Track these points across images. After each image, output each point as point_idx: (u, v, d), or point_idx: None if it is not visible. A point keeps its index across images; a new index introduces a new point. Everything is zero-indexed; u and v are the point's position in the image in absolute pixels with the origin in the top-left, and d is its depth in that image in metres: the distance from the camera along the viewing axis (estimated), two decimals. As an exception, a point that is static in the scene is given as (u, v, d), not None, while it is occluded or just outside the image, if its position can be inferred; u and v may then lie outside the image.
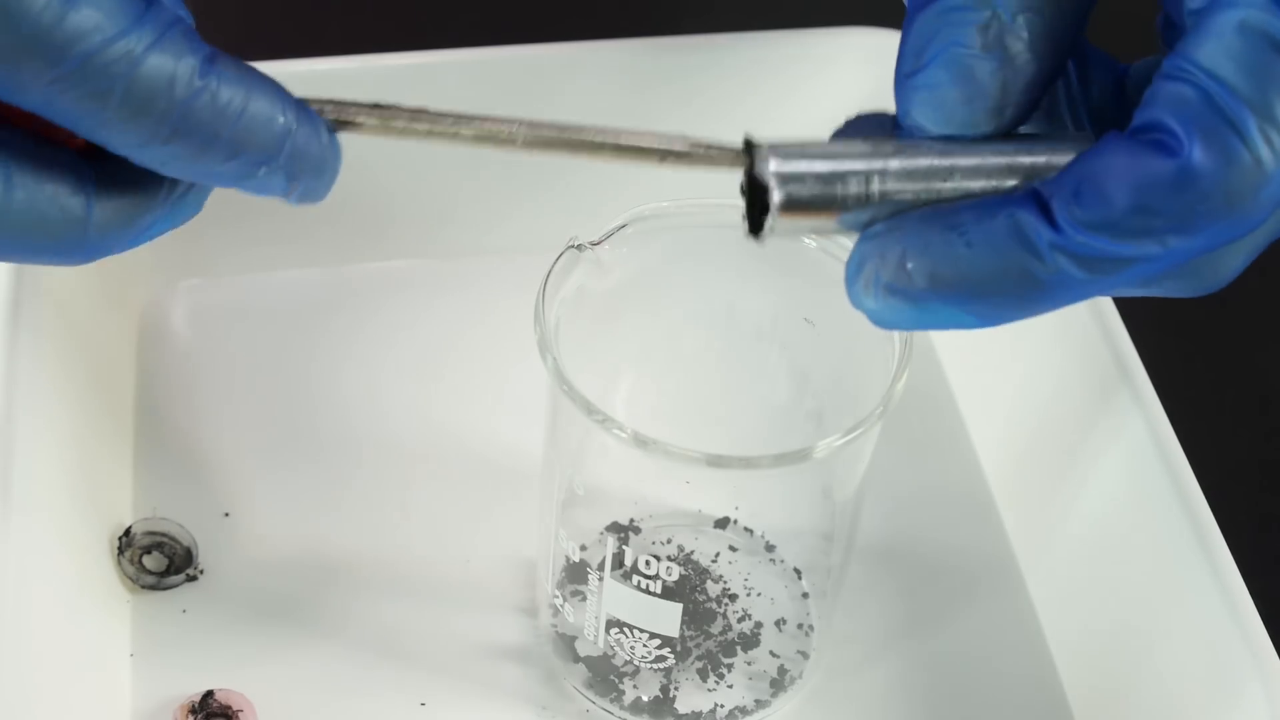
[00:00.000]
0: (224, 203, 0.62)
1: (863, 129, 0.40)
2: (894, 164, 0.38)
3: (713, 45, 0.63)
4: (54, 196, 0.37)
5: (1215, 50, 0.36)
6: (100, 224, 0.37)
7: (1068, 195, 0.37)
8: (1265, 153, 0.36)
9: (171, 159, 0.36)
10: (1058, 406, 0.58)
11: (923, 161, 0.38)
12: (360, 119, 0.39)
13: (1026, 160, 0.39)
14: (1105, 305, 0.56)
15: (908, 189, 0.38)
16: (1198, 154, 0.36)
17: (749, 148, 0.39)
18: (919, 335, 0.62)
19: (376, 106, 0.39)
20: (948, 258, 0.37)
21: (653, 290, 0.52)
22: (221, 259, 0.64)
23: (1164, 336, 0.60)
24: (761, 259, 0.39)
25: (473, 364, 0.63)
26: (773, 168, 0.38)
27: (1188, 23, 0.37)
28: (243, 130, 0.37)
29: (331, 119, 0.38)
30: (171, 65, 0.35)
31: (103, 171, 0.37)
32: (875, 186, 0.38)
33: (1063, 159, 0.38)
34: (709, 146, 0.39)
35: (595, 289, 0.50)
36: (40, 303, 0.55)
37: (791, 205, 0.38)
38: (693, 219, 0.50)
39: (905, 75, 0.39)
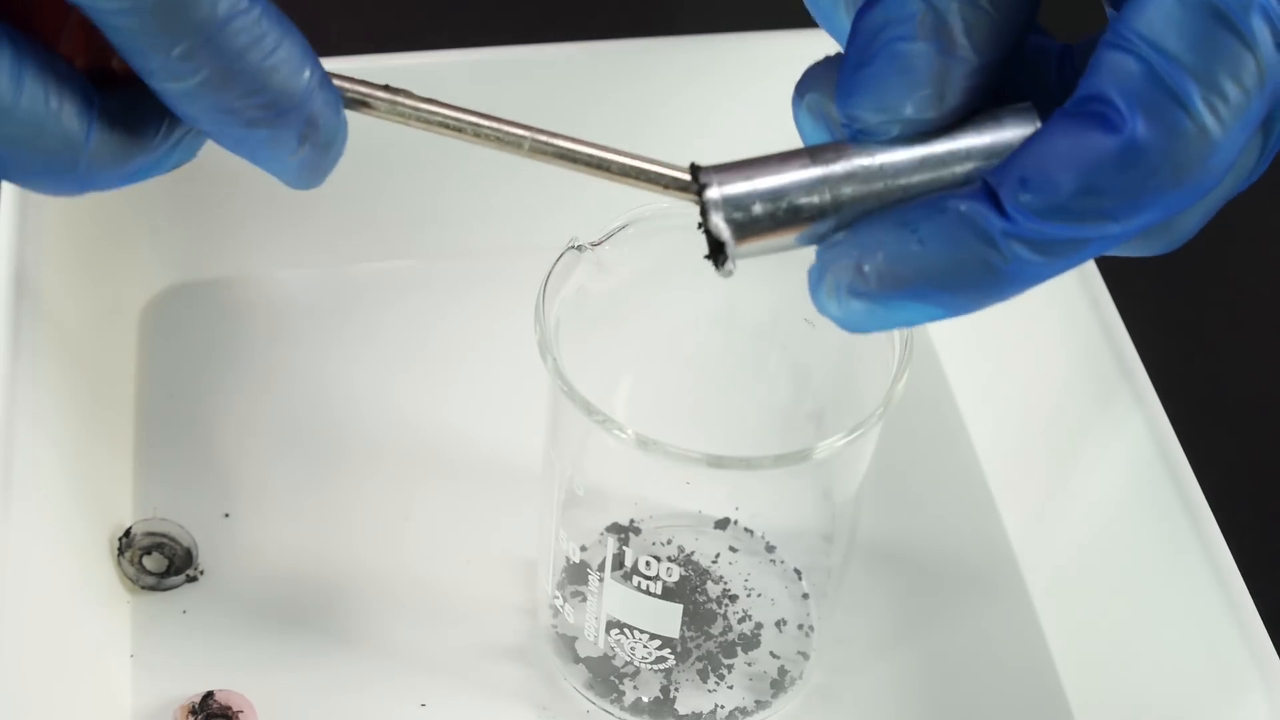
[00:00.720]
0: (224, 203, 0.63)
1: (822, 73, 0.40)
2: (839, 169, 0.38)
3: (712, 46, 0.63)
4: (57, 113, 0.36)
5: (1156, 18, 0.35)
6: (95, 154, 0.37)
7: (1014, 183, 0.36)
8: (1210, 121, 0.35)
9: (193, 83, 0.36)
10: (1058, 406, 0.58)
11: (867, 161, 0.38)
12: (368, 98, 0.38)
13: (970, 145, 0.38)
14: (1105, 305, 0.56)
15: (859, 193, 0.38)
16: (1141, 128, 0.35)
17: (695, 175, 0.38)
18: (919, 335, 0.62)
19: (386, 88, 0.38)
20: (902, 255, 0.37)
21: (653, 290, 0.52)
22: (221, 259, 0.64)
23: (1164, 336, 0.60)
24: (761, 259, 0.39)
25: (473, 364, 0.62)
26: (717, 194, 0.38)
27: None
28: (270, 68, 0.36)
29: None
30: None
31: (107, 102, 0.37)
32: (827, 197, 0.38)
33: (1007, 137, 0.38)
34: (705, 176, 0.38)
35: (595, 289, 0.50)
36: (40, 303, 0.54)
37: (745, 232, 0.38)
38: (693, 219, 0.50)
39: (848, 73, 0.38)
